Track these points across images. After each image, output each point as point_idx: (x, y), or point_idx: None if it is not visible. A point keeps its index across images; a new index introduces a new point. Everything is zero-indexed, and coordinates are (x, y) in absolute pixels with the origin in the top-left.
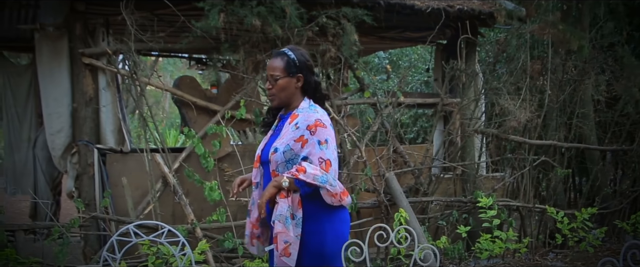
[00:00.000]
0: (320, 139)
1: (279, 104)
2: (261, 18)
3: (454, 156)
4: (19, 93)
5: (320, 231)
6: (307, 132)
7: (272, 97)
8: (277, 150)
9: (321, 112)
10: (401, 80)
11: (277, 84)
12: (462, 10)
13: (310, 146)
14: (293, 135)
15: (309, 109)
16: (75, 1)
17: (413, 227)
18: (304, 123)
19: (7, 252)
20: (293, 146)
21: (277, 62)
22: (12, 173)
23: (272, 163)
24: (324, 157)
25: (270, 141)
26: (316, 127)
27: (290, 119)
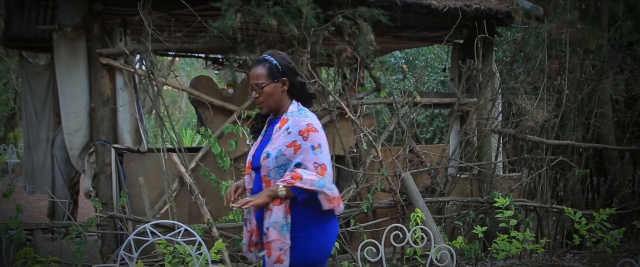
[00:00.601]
0: (314, 143)
1: (269, 110)
2: (278, 18)
3: (470, 156)
4: (37, 93)
5: (307, 238)
6: (299, 138)
7: (260, 105)
8: (269, 155)
9: (311, 116)
10: (417, 80)
11: (264, 92)
12: (479, 9)
13: (304, 151)
14: (285, 140)
15: (299, 113)
16: (93, 2)
17: (429, 227)
18: (295, 128)
19: (25, 250)
20: (285, 151)
21: (259, 69)
22: (30, 172)
23: (264, 168)
24: (318, 162)
25: (260, 146)
26: (308, 131)
27: (280, 124)
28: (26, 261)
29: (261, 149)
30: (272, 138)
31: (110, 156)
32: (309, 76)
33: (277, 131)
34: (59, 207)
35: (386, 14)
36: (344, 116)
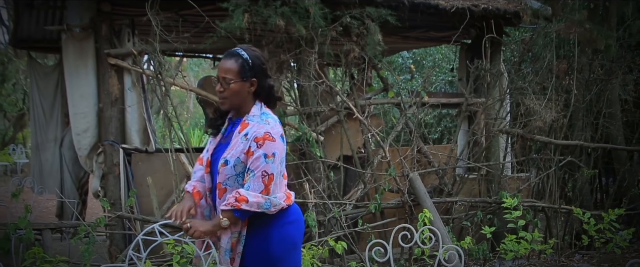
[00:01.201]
0: (267, 152)
1: (230, 107)
2: (285, 18)
3: (478, 156)
4: (46, 93)
5: (265, 236)
6: (254, 144)
7: (223, 100)
8: (227, 162)
9: (272, 122)
10: (425, 80)
11: (230, 88)
12: (487, 9)
13: (255, 158)
14: (243, 147)
15: (260, 118)
16: (101, 2)
17: (437, 227)
18: (252, 134)
19: (34, 250)
20: (243, 158)
21: (230, 63)
22: (39, 172)
23: (221, 175)
24: (268, 171)
25: (219, 147)
26: (264, 140)
27: (241, 128)
28: (35, 260)
29: (220, 150)
30: (231, 142)
31: (119, 156)
32: (316, 76)
33: (236, 136)
34: (68, 207)
35: (394, 14)
36: (352, 116)
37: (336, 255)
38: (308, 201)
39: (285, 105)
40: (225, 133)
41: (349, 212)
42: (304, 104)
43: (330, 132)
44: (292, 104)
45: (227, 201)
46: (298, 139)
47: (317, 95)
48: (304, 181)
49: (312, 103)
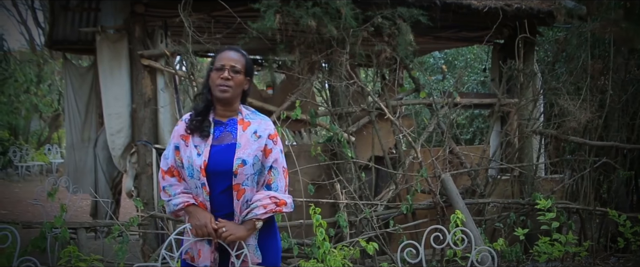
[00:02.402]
0: (281, 148)
1: (230, 97)
2: (317, 19)
3: (511, 157)
4: (81, 94)
5: (273, 231)
6: (270, 142)
7: (227, 87)
8: (245, 162)
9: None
10: (457, 81)
11: (236, 78)
12: (520, 9)
13: (275, 154)
14: (258, 145)
15: (259, 115)
16: (135, 4)
17: (469, 229)
18: (264, 131)
19: (69, 249)
20: (260, 157)
21: (239, 56)
22: (74, 172)
23: (240, 176)
24: (285, 166)
25: (215, 148)
26: (276, 136)
27: (242, 127)
28: (70, 259)
29: (222, 153)
30: (240, 143)
31: (152, 156)
32: (348, 77)
33: (242, 135)
34: (102, 206)
35: (425, 14)
36: (383, 117)
37: (367, 256)
38: (339, 202)
39: (317, 105)
40: (216, 135)
41: (381, 213)
42: (335, 105)
43: (361, 132)
44: (324, 105)
45: (266, 208)
46: (329, 140)
47: (348, 96)
48: (336, 181)
49: (343, 103)
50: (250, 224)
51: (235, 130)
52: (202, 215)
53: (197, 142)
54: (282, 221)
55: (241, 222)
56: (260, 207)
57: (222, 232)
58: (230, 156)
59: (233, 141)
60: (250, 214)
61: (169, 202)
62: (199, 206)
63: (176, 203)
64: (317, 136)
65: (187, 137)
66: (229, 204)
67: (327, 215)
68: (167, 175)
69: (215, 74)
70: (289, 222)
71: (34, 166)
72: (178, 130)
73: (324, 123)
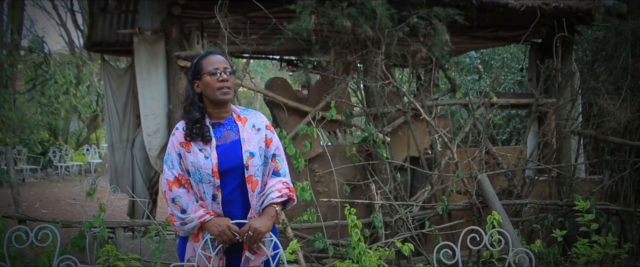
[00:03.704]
0: (279, 137)
1: (231, 99)
2: (352, 19)
3: (549, 158)
4: (119, 95)
5: (274, 230)
6: (268, 132)
7: (228, 89)
8: (253, 154)
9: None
10: (494, 80)
11: (231, 79)
12: (558, 7)
13: (275, 142)
14: (259, 137)
15: (251, 111)
16: (172, 6)
17: (506, 230)
18: (261, 124)
19: (107, 248)
20: (263, 148)
21: (226, 59)
22: (113, 172)
23: (251, 168)
24: (283, 152)
25: (221, 148)
26: (271, 126)
27: (242, 123)
28: (108, 258)
29: (230, 151)
30: (244, 137)
31: None
32: (383, 77)
33: (243, 130)
34: (139, 206)
35: (462, 14)
36: (419, 117)
37: (403, 256)
38: (375, 202)
39: (352, 106)
40: (218, 136)
41: (416, 214)
42: (370, 105)
43: (397, 133)
44: (359, 105)
45: (281, 192)
46: (364, 140)
47: (383, 96)
48: (371, 182)
49: (378, 104)
50: (271, 211)
51: (236, 127)
52: (219, 222)
53: (201, 146)
54: (318, 221)
55: (259, 212)
56: (275, 191)
57: (250, 235)
58: (238, 151)
59: (236, 137)
60: (267, 200)
61: (184, 223)
62: (214, 216)
63: (193, 225)
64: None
65: (188, 144)
66: (239, 200)
67: (362, 215)
68: (174, 186)
69: (211, 79)
70: (324, 222)
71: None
72: (177, 138)
73: (359, 123)
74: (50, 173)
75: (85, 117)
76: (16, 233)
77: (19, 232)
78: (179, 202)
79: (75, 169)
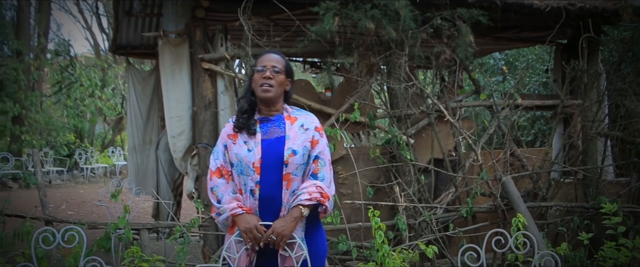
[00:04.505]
0: (327, 142)
1: (272, 97)
2: (375, 21)
3: (575, 160)
4: (143, 97)
5: (319, 228)
6: (316, 133)
7: (269, 87)
8: (295, 152)
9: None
10: (518, 82)
11: (278, 78)
12: (584, 8)
13: (321, 146)
14: (305, 136)
15: (304, 111)
16: (196, 9)
17: (531, 232)
18: (311, 124)
19: (133, 249)
20: (308, 147)
21: (279, 58)
22: (136, 174)
23: (290, 166)
24: (330, 159)
25: (265, 143)
26: (322, 129)
27: (290, 121)
28: (133, 259)
29: (273, 146)
30: (289, 135)
31: None
32: (406, 79)
33: (290, 128)
34: (163, 208)
35: (486, 15)
36: (443, 119)
37: (427, 259)
38: (398, 204)
39: (375, 108)
40: (264, 131)
41: (440, 216)
42: (394, 107)
43: (420, 135)
44: (382, 107)
45: (311, 195)
46: (388, 142)
47: (407, 98)
48: (394, 184)
49: (402, 106)
50: (296, 212)
51: (283, 124)
52: (249, 219)
53: (246, 139)
54: (341, 224)
55: (288, 211)
56: (306, 193)
57: (273, 240)
58: (281, 148)
59: (282, 134)
60: (296, 200)
61: (218, 214)
62: (246, 211)
63: (226, 216)
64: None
65: (235, 136)
66: (276, 197)
67: (386, 218)
68: (214, 176)
69: (257, 75)
70: (347, 224)
71: (98, 167)
72: (226, 131)
73: (383, 125)
74: (76, 175)
75: (110, 119)
76: (43, 234)
77: (46, 234)
78: (216, 192)
79: (101, 171)
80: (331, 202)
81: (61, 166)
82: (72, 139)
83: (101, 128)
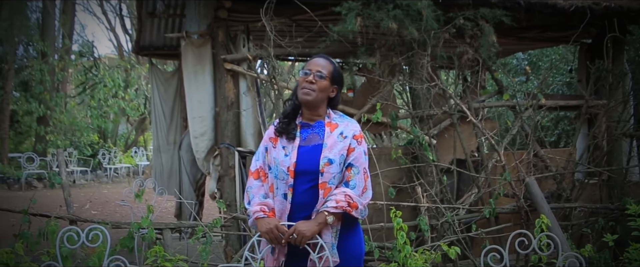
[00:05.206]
0: (365, 149)
1: (312, 101)
2: (397, 21)
3: (599, 161)
4: (166, 98)
5: (356, 233)
6: (354, 141)
7: (309, 91)
8: (332, 161)
9: (357, 124)
10: (542, 82)
11: (320, 83)
12: (609, 7)
13: (357, 153)
14: (343, 145)
15: (346, 118)
16: (218, 9)
17: (555, 234)
18: (350, 132)
19: (156, 249)
20: (345, 156)
21: (326, 63)
22: (159, 174)
23: (326, 174)
24: (366, 169)
25: (302, 149)
26: (361, 138)
27: (330, 128)
28: (156, 258)
29: (310, 154)
30: (327, 143)
31: (234, 158)
32: (429, 79)
33: (329, 136)
34: (186, 208)
35: (509, 15)
36: (465, 119)
37: (449, 260)
38: (421, 205)
39: (397, 108)
40: (303, 136)
41: (462, 217)
42: (416, 107)
43: (443, 135)
44: (405, 107)
45: (337, 203)
46: (410, 143)
47: (429, 98)
48: (417, 184)
49: (424, 106)
50: (321, 218)
51: (323, 131)
52: (269, 220)
53: (285, 143)
54: (363, 224)
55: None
56: (333, 200)
57: (294, 238)
58: (317, 156)
59: (320, 141)
60: (322, 207)
61: (249, 215)
62: (269, 216)
63: (252, 219)
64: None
65: (275, 140)
66: (310, 203)
67: (408, 218)
68: (252, 177)
69: (301, 79)
70: (369, 225)
71: (122, 168)
72: (268, 133)
73: (405, 126)
74: (100, 175)
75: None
76: (68, 233)
77: (70, 233)
78: (249, 193)
79: (124, 171)
80: (360, 210)
81: (85, 166)
82: (96, 139)
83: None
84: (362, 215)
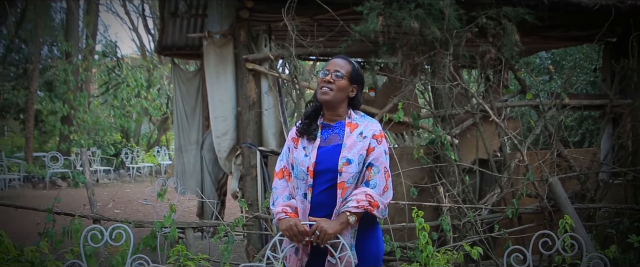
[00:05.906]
0: (385, 149)
1: (330, 100)
2: (419, 20)
3: (624, 161)
4: (188, 97)
5: (375, 234)
6: (374, 141)
7: (328, 91)
8: (350, 161)
9: (378, 124)
10: (565, 81)
11: (339, 82)
12: (635, 5)
13: (377, 153)
14: (362, 145)
15: (367, 118)
16: (240, 9)
17: (579, 234)
18: (369, 132)
19: (178, 248)
20: (364, 156)
21: (344, 63)
22: (181, 173)
23: (344, 174)
24: (387, 168)
25: (322, 149)
26: (381, 137)
27: (350, 128)
28: (178, 257)
29: (329, 154)
30: (346, 143)
31: (256, 158)
32: (451, 78)
33: (349, 136)
34: (208, 207)
35: (532, 13)
36: (488, 119)
37: (471, 260)
38: (443, 205)
39: (419, 107)
40: (324, 137)
41: (485, 217)
42: (438, 107)
43: (465, 135)
44: (426, 107)
45: (358, 203)
46: (432, 142)
47: (451, 98)
48: (439, 184)
49: (446, 105)
50: (343, 217)
51: (343, 132)
52: (289, 219)
53: (305, 144)
54: (384, 224)
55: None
56: (354, 200)
57: (317, 235)
58: (336, 156)
59: (339, 141)
60: (344, 207)
61: (272, 215)
62: (290, 216)
63: (275, 220)
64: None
65: (297, 140)
66: (328, 203)
67: (430, 218)
68: (277, 177)
69: (320, 79)
70: (391, 225)
71: (144, 167)
72: (291, 134)
73: (427, 125)
74: (123, 174)
75: (156, 119)
76: (92, 232)
77: (94, 231)
78: (274, 193)
79: (146, 170)
80: (381, 210)
81: (108, 165)
82: (119, 138)
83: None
84: (383, 214)
